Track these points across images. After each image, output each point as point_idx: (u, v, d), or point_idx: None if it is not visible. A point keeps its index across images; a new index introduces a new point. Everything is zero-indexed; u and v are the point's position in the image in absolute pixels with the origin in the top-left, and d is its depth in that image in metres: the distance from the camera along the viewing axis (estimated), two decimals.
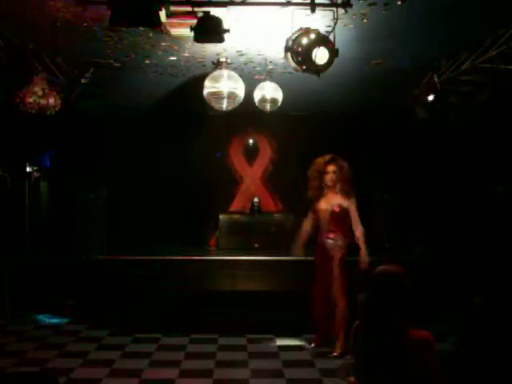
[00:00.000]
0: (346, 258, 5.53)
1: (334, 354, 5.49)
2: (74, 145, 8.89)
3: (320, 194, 5.55)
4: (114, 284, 6.94)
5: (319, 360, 5.46)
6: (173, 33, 4.89)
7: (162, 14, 4.17)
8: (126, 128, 8.99)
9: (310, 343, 5.84)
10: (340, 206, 5.45)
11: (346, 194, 5.50)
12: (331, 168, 5.48)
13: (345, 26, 4.73)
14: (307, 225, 5.73)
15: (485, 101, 6.68)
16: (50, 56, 5.85)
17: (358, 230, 5.50)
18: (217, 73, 5.73)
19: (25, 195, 8.23)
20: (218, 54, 5.74)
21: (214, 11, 4.10)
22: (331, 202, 5.50)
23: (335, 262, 5.47)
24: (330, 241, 5.51)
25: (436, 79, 6.39)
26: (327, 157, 5.53)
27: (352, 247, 5.64)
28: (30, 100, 5.78)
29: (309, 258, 5.78)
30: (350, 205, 5.50)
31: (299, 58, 4.15)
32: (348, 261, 5.61)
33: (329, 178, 5.48)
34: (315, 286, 5.62)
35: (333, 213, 5.46)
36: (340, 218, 5.49)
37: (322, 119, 8.89)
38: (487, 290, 2.69)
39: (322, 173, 5.51)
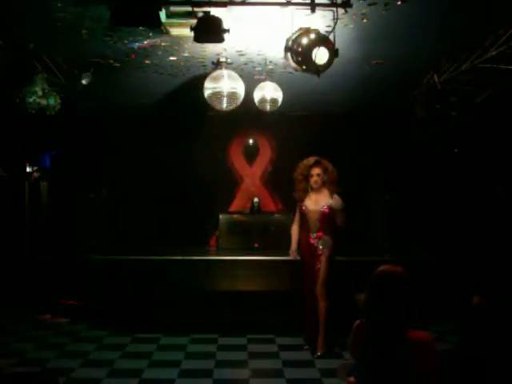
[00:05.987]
0: (334, 258, 5.61)
1: (318, 353, 5.53)
2: (73, 145, 8.89)
3: (306, 195, 5.66)
4: (114, 284, 6.94)
5: (319, 360, 5.47)
6: (173, 33, 4.89)
7: (162, 14, 4.17)
8: (126, 128, 8.98)
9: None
10: (329, 205, 5.56)
11: (333, 194, 5.58)
12: (315, 171, 5.61)
13: (345, 26, 4.72)
14: (296, 229, 5.86)
15: (485, 100, 6.68)
16: (49, 56, 5.85)
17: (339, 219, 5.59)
18: (217, 73, 5.73)
19: (25, 195, 8.23)
20: (217, 54, 5.74)
21: (214, 11, 4.10)
22: (320, 202, 5.62)
23: (323, 262, 5.53)
24: (320, 240, 5.58)
25: (436, 79, 6.39)
26: (311, 160, 5.66)
27: (342, 246, 5.74)
28: (30, 100, 5.78)
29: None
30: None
31: (299, 58, 4.15)
32: (336, 261, 5.68)
33: (313, 180, 5.63)
34: (303, 286, 5.70)
35: (323, 213, 5.58)
36: (329, 218, 5.59)
37: (321, 119, 8.88)
38: (485, 290, 2.69)
39: (307, 175, 5.62)
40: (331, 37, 4.18)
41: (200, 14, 4.12)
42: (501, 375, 2.44)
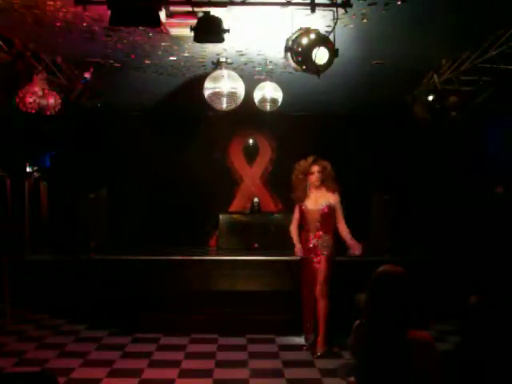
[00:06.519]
0: (334, 258, 5.61)
1: (318, 353, 5.53)
2: (73, 145, 8.88)
3: (305, 195, 5.66)
4: (114, 284, 6.94)
5: (319, 360, 5.47)
6: (173, 33, 4.89)
7: (162, 14, 4.17)
8: (126, 128, 8.98)
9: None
10: (329, 205, 5.59)
11: (332, 191, 5.64)
12: (315, 168, 5.63)
13: (345, 26, 4.73)
14: (295, 228, 5.84)
15: (485, 100, 6.68)
16: (49, 56, 5.85)
17: (344, 229, 5.59)
18: (217, 73, 5.74)
19: (25, 195, 8.23)
20: (218, 54, 5.74)
21: (214, 11, 4.10)
22: (319, 201, 5.62)
23: (323, 262, 5.53)
24: (320, 240, 5.58)
25: (436, 79, 6.38)
26: (310, 158, 5.67)
27: (341, 245, 5.74)
28: (30, 100, 5.78)
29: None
30: (336, 201, 5.64)
31: (299, 58, 4.15)
32: (336, 261, 5.68)
33: (314, 178, 5.62)
34: (303, 286, 5.69)
35: (323, 213, 5.58)
36: (329, 217, 5.60)
37: (321, 119, 8.89)
38: (485, 290, 2.69)
39: (307, 174, 5.62)
40: (331, 37, 4.18)
41: (200, 14, 4.12)
42: (501, 375, 2.44)
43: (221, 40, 4.16)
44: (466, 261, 7.24)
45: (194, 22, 4.12)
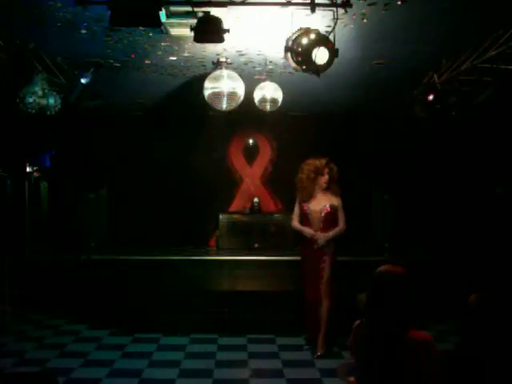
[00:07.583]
0: (336, 258, 5.61)
1: (318, 353, 5.53)
2: (73, 145, 8.88)
3: (312, 195, 5.64)
4: (114, 284, 6.94)
5: (319, 360, 5.47)
6: (173, 33, 4.89)
7: (162, 14, 4.17)
8: (126, 128, 8.98)
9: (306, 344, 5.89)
10: (332, 206, 5.58)
11: (336, 194, 5.66)
12: (327, 170, 5.60)
13: (345, 26, 4.72)
14: (297, 222, 5.81)
15: (485, 101, 6.67)
16: (49, 56, 5.85)
17: (339, 226, 5.61)
18: (217, 73, 5.74)
19: (25, 195, 8.23)
20: (218, 54, 5.74)
21: (214, 11, 4.10)
22: (323, 202, 5.62)
23: (327, 262, 5.53)
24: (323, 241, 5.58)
25: (436, 79, 6.38)
26: (323, 159, 5.64)
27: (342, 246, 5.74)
28: (30, 100, 5.78)
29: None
30: (339, 204, 5.67)
31: (299, 58, 4.15)
32: (337, 261, 5.68)
33: (325, 179, 5.61)
34: (307, 287, 5.68)
35: (326, 213, 5.58)
36: (332, 218, 5.60)
37: (322, 119, 8.89)
38: (485, 289, 2.69)
39: (318, 174, 5.60)
40: (331, 37, 4.18)
41: (200, 14, 4.12)
42: (501, 375, 2.44)
43: (221, 40, 4.16)
44: (466, 261, 7.24)
45: (194, 22, 4.12)
